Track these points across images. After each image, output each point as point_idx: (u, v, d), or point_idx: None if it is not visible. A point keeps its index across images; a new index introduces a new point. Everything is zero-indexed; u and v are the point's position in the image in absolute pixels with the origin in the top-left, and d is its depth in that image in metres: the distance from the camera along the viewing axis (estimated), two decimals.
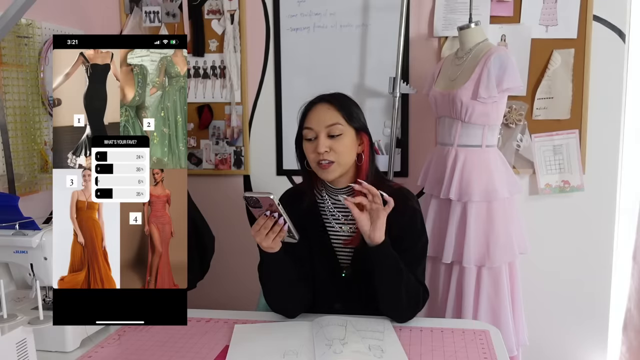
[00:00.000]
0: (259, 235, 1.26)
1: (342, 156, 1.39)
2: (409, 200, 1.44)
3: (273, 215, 1.24)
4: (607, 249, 2.24)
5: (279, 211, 1.22)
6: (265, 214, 1.25)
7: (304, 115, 1.44)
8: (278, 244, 1.29)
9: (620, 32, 2.14)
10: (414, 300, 1.38)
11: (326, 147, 1.37)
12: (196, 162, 2.45)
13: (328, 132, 1.38)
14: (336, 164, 1.39)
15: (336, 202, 1.48)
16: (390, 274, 1.32)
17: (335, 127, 1.38)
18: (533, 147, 2.21)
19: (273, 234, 1.25)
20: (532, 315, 2.19)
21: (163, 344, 1.31)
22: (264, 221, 1.25)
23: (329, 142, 1.38)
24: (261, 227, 1.25)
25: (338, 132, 1.38)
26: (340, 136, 1.39)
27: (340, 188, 1.46)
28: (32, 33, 1.95)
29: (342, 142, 1.39)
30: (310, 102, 1.45)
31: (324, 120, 1.39)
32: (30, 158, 1.96)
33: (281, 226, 1.25)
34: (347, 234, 1.46)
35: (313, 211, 1.48)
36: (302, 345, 1.26)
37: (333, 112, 1.40)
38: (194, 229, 2.07)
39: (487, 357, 1.22)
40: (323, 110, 1.41)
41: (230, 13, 2.34)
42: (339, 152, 1.38)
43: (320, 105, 1.42)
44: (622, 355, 2.22)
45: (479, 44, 1.94)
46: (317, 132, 1.39)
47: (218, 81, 2.40)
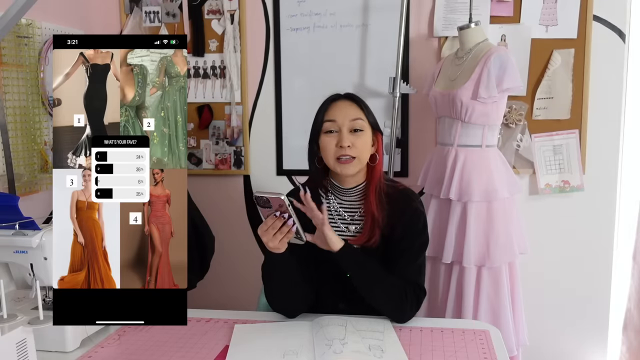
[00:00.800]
0: (267, 235, 1.26)
1: (362, 153, 1.40)
2: (412, 202, 1.45)
3: (282, 216, 1.24)
4: (607, 249, 2.24)
5: (288, 212, 1.23)
6: (274, 215, 1.25)
7: (324, 109, 1.44)
8: (284, 244, 1.29)
9: (620, 32, 2.14)
10: (396, 300, 1.37)
11: (350, 141, 1.39)
12: (196, 162, 2.45)
13: (351, 126, 1.40)
14: (357, 160, 1.40)
15: (342, 202, 1.48)
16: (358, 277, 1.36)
17: (357, 122, 1.40)
18: (533, 147, 2.21)
19: (281, 234, 1.26)
20: (532, 315, 2.19)
21: (163, 344, 1.31)
22: (273, 221, 1.25)
23: (351, 137, 1.39)
24: (269, 227, 1.25)
25: (360, 127, 1.40)
26: (361, 132, 1.41)
27: (349, 188, 1.46)
28: (32, 33, 1.95)
29: (362, 138, 1.41)
30: (331, 97, 1.46)
31: (347, 114, 1.41)
32: (30, 158, 1.96)
33: (289, 227, 1.25)
34: (353, 234, 1.46)
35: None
36: (302, 345, 1.26)
37: (355, 107, 1.43)
38: (194, 229, 2.07)
39: (487, 357, 1.22)
40: (346, 105, 1.43)
41: (230, 13, 2.34)
42: (359, 149, 1.40)
43: (342, 101, 1.44)
44: (622, 355, 2.22)
45: (479, 44, 1.94)
46: (340, 126, 1.40)
47: (218, 81, 2.40)
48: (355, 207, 1.46)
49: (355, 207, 1.46)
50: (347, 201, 1.47)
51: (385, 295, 1.36)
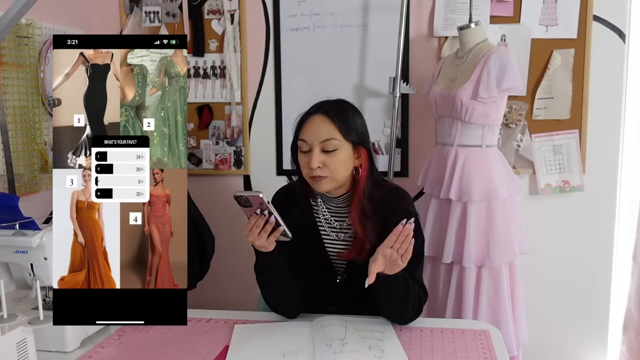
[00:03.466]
0: (252, 234, 1.25)
1: (335, 171, 1.36)
2: (401, 201, 1.42)
3: (264, 213, 1.24)
4: (607, 249, 2.24)
5: (268, 209, 1.22)
6: (255, 213, 1.24)
7: (299, 126, 1.41)
8: (272, 243, 1.28)
9: (620, 32, 2.13)
10: (417, 309, 1.38)
11: (319, 162, 1.34)
12: (196, 162, 2.45)
13: (322, 147, 1.36)
14: (329, 179, 1.36)
15: (330, 207, 1.46)
16: (399, 296, 1.32)
17: (329, 143, 1.35)
18: (533, 147, 2.21)
19: (265, 232, 1.25)
20: (532, 315, 2.19)
21: (163, 344, 1.31)
22: (256, 220, 1.24)
23: (322, 157, 1.35)
24: (253, 226, 1.24)
25: (332, 148, 1.35)
26: (334, 152, 1.35)
27: (335, 197, 1.45)
28: (32, 33, 1.95)
29: (336, 157, 1.35)
30: (307, 112, 1.41)
31: (318, 135, 1.35)
32: (30, 158, 1.96)
33: (273, 225, 1.24)
34: (343, 245, 1.45)
35: (307, 215, 1.47)
36: (302, 345, 1.26)
37: (329, 125, 1.36)
38: (194, 229, 2.07)
39: (487, 357, 1.22)
40: (319, 123, 1.37)
41: (230, 13, 2.34)
42: (332, 168, 1.35)
43: (316, 117, 1.38)
44: (622, 355, 2.22)
45: (479, 44, 1.94)
46: (310, 146, 1.36)
47: (218, 81, 2.40)
48: (343, 215, 1.45)
49: (343, 216, 1.45)
50: (334, 209, 1.46)
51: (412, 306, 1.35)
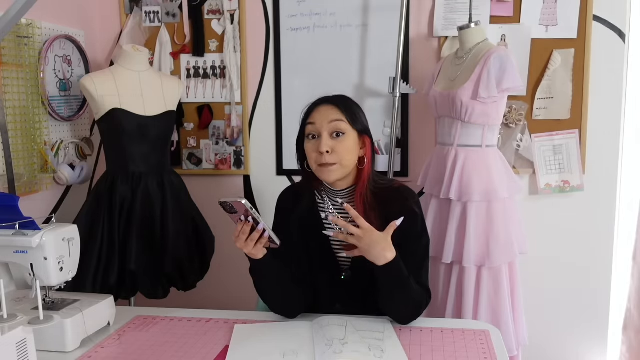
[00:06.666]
0: (239, 241, 1.25)
1: (344, 158, 1.37)
2: (406, 200, 1.41)
3: (248, 220, 1.23)
4: (607, 249, 2.24)
5: (251, 215, 1.21)
6: (240, 219, 1.24)
7: (307, 114, 1.43)
8: (261, 250, 1.28)
9: (620, 32, 2.14)
10: (418, 307, 1.38)
11: (328, 147, 1.35)
12: (196, 162, 2.45)
13: (331, 128, 1.37)
14: (338, 165, 1.37)
15: (336, 204, 1.46)
16: (396, 289, 1.31)
17: (338, 124, 1.37)
18: (533, 147, 2.21)
19: (252, 241, 1.25)
20: (532, 315, 2.19)
21: (163, 344, 1.31)
22: (242, 226, 1.24)
23: (331, 142, 1.36)
24: (240, 232, 1.25)
25: (341, 130, 1.37)
26: (343, 136, 1.37)
27: (340, 190, 1.45)
28: (32, 33, 1.95)
29: (344, 143, 1.37)
30: (314, 102, 1.44)
31: (328, 116, 1.38)
32: (30, 158, 1.95)
33: (260, 232, 1.24)
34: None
35: (312, 213, 1.47)
36: (302, 345, 1.26)
37: (337, 111, 1.39)
38: (194, 229, 2.07)
39: (487, 357, 1.22)
40: (327, 109, 1.40)
41: (230, 13, 2.34)
42: (340, 154, 1.36)
43: (324, 106, 1.41)
44: (622, 355, 2.21)
45: (479, 44, 1.94)
46: (319, 129, 1.37)
47: (218, 81, 2.40)
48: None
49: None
50: (339, 203, 1.45)
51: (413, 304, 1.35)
